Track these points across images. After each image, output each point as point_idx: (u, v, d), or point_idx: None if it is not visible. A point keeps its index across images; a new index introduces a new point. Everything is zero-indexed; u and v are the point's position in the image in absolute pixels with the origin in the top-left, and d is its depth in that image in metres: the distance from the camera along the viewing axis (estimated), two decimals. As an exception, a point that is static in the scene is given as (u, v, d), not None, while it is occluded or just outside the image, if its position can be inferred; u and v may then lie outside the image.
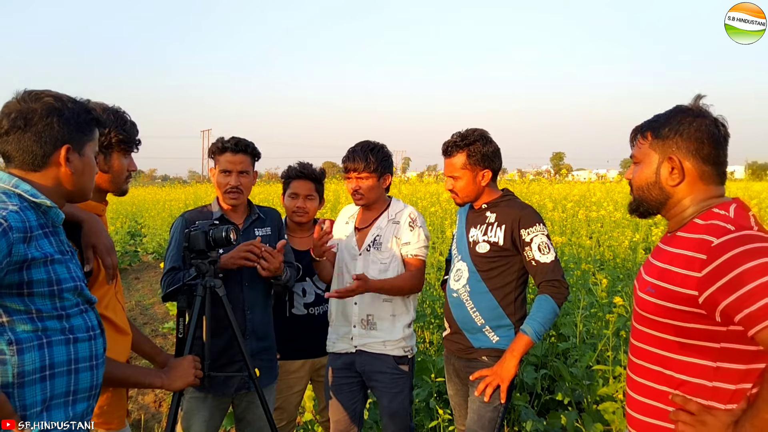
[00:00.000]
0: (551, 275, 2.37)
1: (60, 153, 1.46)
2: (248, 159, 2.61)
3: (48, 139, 1.44)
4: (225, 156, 2.58)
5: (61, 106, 1.46)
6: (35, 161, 1.44)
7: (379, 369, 2.67)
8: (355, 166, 2.66)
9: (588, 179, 25.16)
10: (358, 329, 2.69)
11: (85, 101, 1.57)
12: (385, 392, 2.68)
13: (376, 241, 2.70)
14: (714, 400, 1.45)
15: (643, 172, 1.63)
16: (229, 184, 2.56)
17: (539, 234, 2.41)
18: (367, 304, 2.68)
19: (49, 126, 1.44)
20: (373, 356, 2.68)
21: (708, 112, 1.58)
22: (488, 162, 2.50)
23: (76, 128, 1.49)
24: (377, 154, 2.68)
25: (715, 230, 1.46)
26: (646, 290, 1.57)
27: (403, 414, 2.69)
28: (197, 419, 2.50)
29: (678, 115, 1.59)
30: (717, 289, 1.38)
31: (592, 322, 4.40)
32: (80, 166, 1.51)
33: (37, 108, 1.44)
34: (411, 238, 2.68)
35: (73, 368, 1.42)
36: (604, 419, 3.28)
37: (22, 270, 1.32)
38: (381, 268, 2.67)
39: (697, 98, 1.61)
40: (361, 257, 2.72)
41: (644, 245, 7.08)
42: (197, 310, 2.18)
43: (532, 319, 2.34)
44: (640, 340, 1.61)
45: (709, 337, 1.45)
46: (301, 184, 3.04)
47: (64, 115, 1.46)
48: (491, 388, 2.36)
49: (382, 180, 2.71)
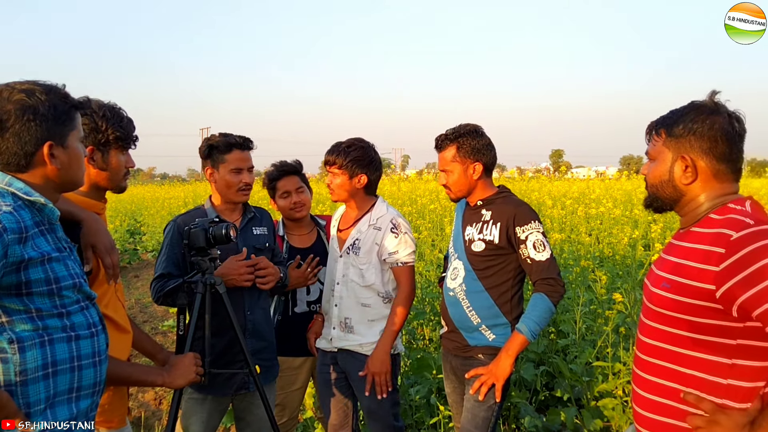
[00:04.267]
0: (546, 273, 2.36)
1: (42, 151, 1.41)
2: (251, 156, 2.63)
3: (28, 140, 1.39)
4: (234, 154, 2.54)
5: (35, 102, 1.39)
6: (19, 163, 1.40)
7: (357, 368, 2.67)
8: (329, 159, 2.69)
9: (587, 176, 25.13)
10: (337, 331, 2.71)
11: (60, 87, 1.48)
12: (363, 391, 2.67)
13: (355, 245, 2.69)
14: (727, 398, 1.43)
15: (657, 169, 1.62)
16: (243, 181, 2.56)
17: (534, 231, 2.39)
18: (346, 307, 2.69)
19: (26, 127, 1.38)
20: (352, 355, 2.69)
21: (723, 108, 1.56)
22: (479, 155, 2.49)
23: (54, 121, 1.42)
24: (352, 153, 2.65)
25: (733, 224, 1.44)
26: (660, 286, 1.55)
27: (383, 414, 2.67)
28: (195, 419, 2.50)
29: (692, 112, 1.56)
30: (735, 284, 1.36)
31: (591, 319, 4.41)
32: (66, 159, 1.47)
33: (10, 109, 1.37)
34: (398, 246, 2.64)
35: (76, 365, 1.42)
36: (604, 416, 3.29)
37: (19, 271, 1.31)
38: (359, 272, 2.67)
39: (712, 94, 1.58)
40: (342, 259, 2.72)
41: (643, 242, 7.08)
42: (198, 307, 2.18)
43: (527, 318, 2.34)
44: (651, 336, 1.59)
45: (725, 334, 1.43)
46: (288, 181, 3.05)
47: (40, 112, 1.39)
48: (486, 387, 2.36)
49: (354, 179, 2.67)
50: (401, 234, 2.66)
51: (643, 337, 1.62)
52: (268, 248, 2.66)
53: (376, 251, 2.66)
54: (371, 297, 2.68)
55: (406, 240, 2.66)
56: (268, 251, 2.65)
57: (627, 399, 3.25)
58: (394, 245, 2.64)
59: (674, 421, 1.51)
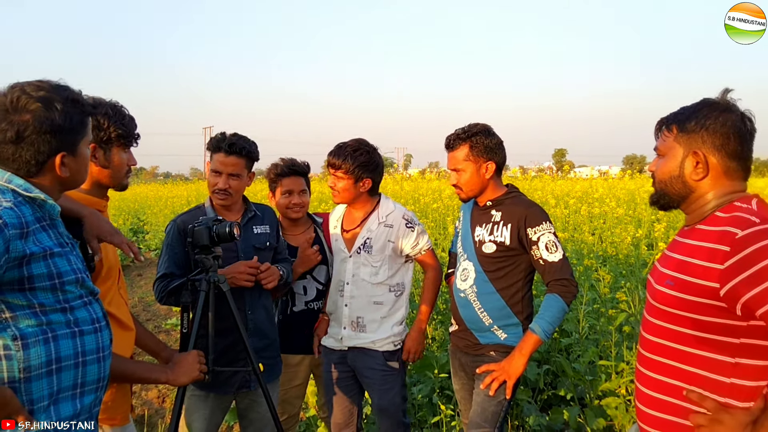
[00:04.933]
0: (560, 274, 2.36)
1: (54, 161, 1.43)
2: (242, 162, 2.53)
3: (43, 151, 1.40)
4: (218, 155, 2.51)
5: (52, 114, 1.39)
6: (29, 170, 1.41)
7: (369, 365, 2.68)
8: (333, 162, 2.67)
9: (590, 175, 25.08)
10: (348, 331, 2.71)
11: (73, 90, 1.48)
12: (375, 389, 2.69)
13: (367, 244, 2.69)
14: (731, 396, 1.43)
15: (666, 165, 1.61)
16: (216, 185, 2.51)
17: (546, 233, 2.39)
18: (357, 306, 2.70)
19: (43, 139, 1.39)
20: (363, 352, 2.70)
21: (735, 106, 1.55)
22: (491, 154, 2.49)
23: (69, 133, 1.43)
24: (358, 158, 2.65)
25: (739, 222, 1.43)
26: (664, 283, 1.55)
27: (393, 410, 2.69)
28: (198, 416, 2.51)
29: (704, 108, 1.56)
30: (739, 282, 1.36)
31: (594, 318, 4.40)
32: (75, 167, 1.48)
33: (28, 119, 1.37)
34: (417, 238, 2.74)
35: (80, 361, 1.42)
36: (607, 414, 3.29)
37: (21, 266, 1.31)
38: (372, 270, 2.68)
39: (725, 92, 1.58)
40: (351, 259, 2.71)
41: (647, 241, 7.06)
42: (201, 305, 2.18)
43: (541, 318, 2.33)
44: (654, 333, 1.58)
45: (729, 332, 1.42)
46: (293, 181, 3.02)
47: (57, 124, 1.40)
48: (497, 383, 2.36)
49: (359, 183, 2.68)
50: (416, 226, 2.75)
51: (646, 334, 1.62)
52: (269, 247, 2.64)
53: (390, 248, 2.68)
54: (383, 294, 2.69)
55: (420, 230, 2.76)
56: (269, 250, 2.64)
57: (630, 398, 3.24)
58: (413, 239, 2.72)
59: (677, 419, 1.51)
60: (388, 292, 2.70)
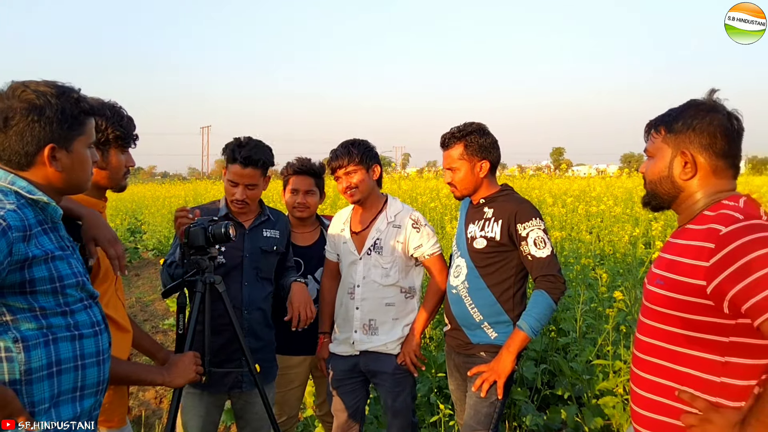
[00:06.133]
0: (547, 270, 2.36)
1: (44, 153, 1.41)
2: (258, 172, 2.52)
3: (30, 140, 1.38)
4: (234, 167, 2.49)
5: (43, 103, 1.38)
6: (20, 161, 1.40)
7: (381, 369, 2.67)
8: (340, 163, 2.65)
9: (588, 174, 25.13)
10: (359, 334, 2.68)
11: (75, 90, 1.47)
12: (388, 391, 2.69)
13: (377, 245, 2.67)
14: (721, 396, 1.43)
15: (656, 166, 1.63)
16: (234, 196, 2.52)
17: (535, 228, 2.40)
18: (369, 308, 2.67)
19: (30, 126, 1.37)
20: (375, 355, 2.69)
21: (722, 106, 1.57)
22: (486, 153, 2.51)
23: (60, 125, 1.41)
24: (359, 147, 2.67)
25: (723, 219, 1.45)
26: (655, 282, 1.56)
27: (405, 411, 2.70)
28: (193, 415, 2.51)
29: (691, 109, 1.58)
30: (724, 279, 1.37)
31: (592, 317, 4.40)
32: (69, 163, 1.45)
33: (17, 107, 1.36)
34: (422, 239, 2.67)
35: (80, 364, 1.42)
36: (604, 414, 3.29)
37: (23, 269, 1.31)
38: (383, 272, 2.66)
39: (711, 92, 1.60)
40: (362, 261, 2.69)
41: (644, 240, 7.07)
42: (197, 306, 2.17)
43: (528, 315, 2.34)
44: (647, 334, 1.59)
45: (718, 331, 1.43)
46: (301, 180, 3.03)
47: (46, 114, 1.38)
48: (488, 384, 2.36)
49: (371, 171, 2.69)
50: (422, 227, 2.70)
51: (640, 336, 1.63)
52: (275, 252, 2.64)
53: (400, 248, 2.66)
54: (395, 295, 2.68)
55: (428, 232, 2.70)
56: (275, 255, 2.65)
57: (627, 397, 3.24)
58: (418, 239, 2.67)
59: (671, 420, 1.51)
60: (399, 293, 2.69)
